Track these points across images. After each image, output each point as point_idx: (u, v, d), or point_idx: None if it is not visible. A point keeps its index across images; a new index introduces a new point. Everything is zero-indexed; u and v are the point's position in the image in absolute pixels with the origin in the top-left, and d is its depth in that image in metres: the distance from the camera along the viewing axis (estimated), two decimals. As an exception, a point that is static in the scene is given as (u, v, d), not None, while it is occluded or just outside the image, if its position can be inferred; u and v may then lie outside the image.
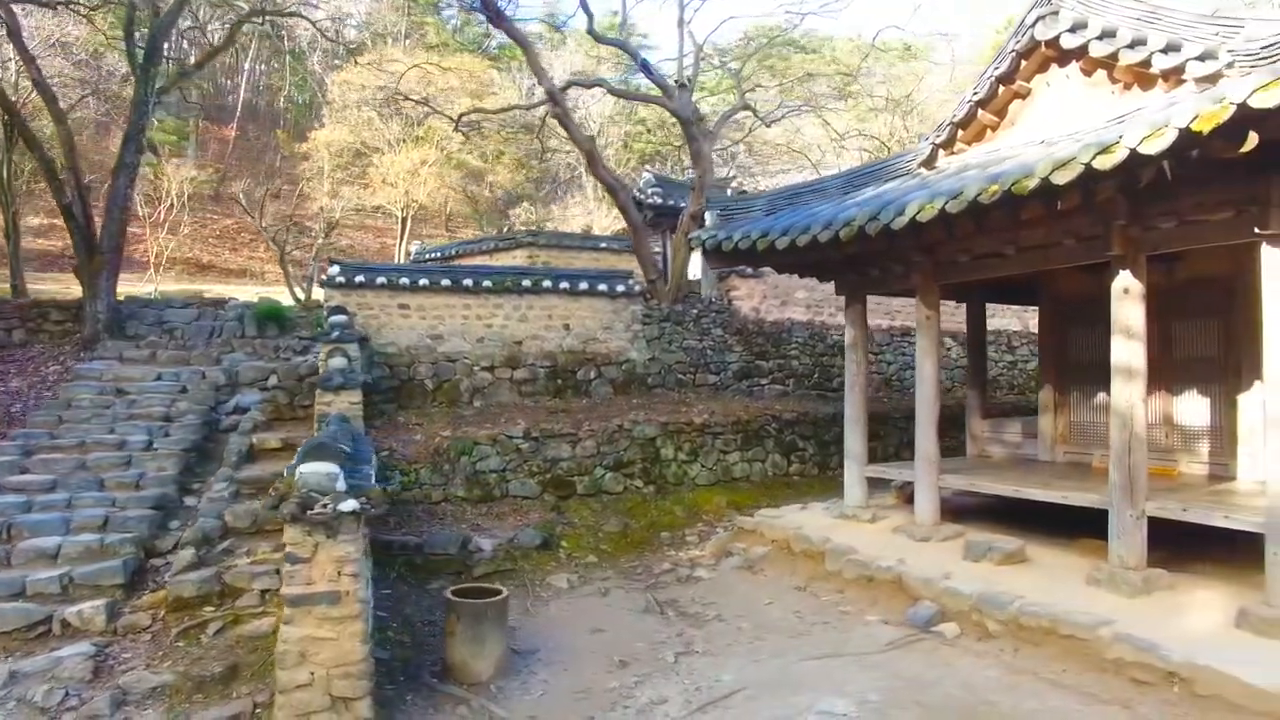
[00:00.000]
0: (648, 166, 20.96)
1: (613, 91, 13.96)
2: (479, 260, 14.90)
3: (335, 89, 21.25)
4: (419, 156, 20.34)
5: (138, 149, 9.98)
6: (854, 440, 7.99)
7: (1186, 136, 4.31)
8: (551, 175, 27.20)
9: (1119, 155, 4.62)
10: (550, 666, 5.53)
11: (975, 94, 7.32)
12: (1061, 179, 4.94)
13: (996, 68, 7.13)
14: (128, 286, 18.49)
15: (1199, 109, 4.26)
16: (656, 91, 13.00)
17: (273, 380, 9.98)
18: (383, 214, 26.85)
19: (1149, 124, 4.53)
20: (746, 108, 14.09)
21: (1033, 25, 6.72)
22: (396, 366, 9.62)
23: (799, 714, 4.58)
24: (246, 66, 32.23)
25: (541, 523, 8.07)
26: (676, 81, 12.50)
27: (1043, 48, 6.77)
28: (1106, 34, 6.19)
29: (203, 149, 28.94)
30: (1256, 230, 4.91)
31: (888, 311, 12.27)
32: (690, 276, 12.65)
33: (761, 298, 11.76)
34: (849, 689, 4.85)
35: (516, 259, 14.49)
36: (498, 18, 11.19)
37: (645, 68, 11.83)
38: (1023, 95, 7.13)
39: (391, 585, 6.75)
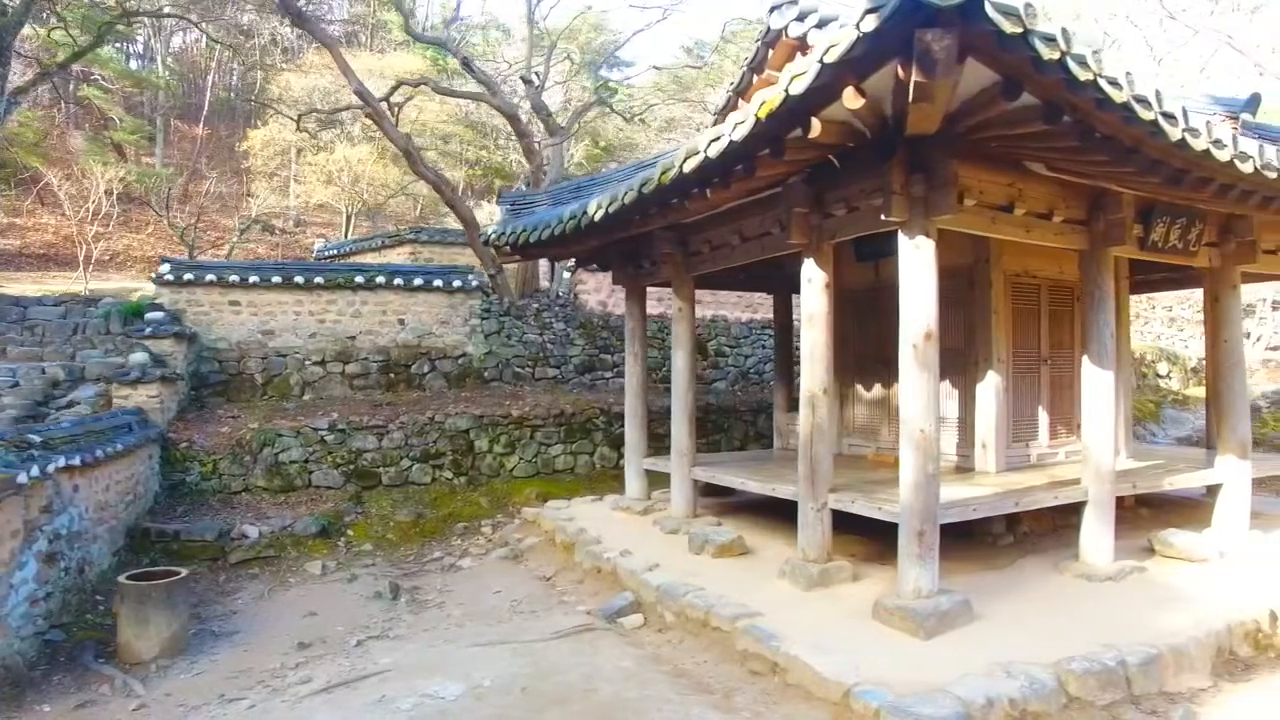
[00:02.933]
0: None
1: (438, 90, 14.04)
2: (369, 257, 15.12)
3: (275, 89, 21.66)
4: (355, 155, 20.66)
5: (-8, 149, 10.25)
6: (633, 432, 8.02)
7: (759, 124, 4.30)
8: (508, 171, 27.42)
9: (722, 144, 4.63)
10: (235, 648, 5.66)
11: (733, 84, 7.32)
12: (689, 166, 4.96)
13: (748, 59, 7.11)
14: (61, 285, 19.05)
15: (767, 97, 4.25)
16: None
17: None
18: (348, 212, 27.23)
19: (745, 113, 4.52)
20: (601, 103, 14.07)
21: (770, 14, 6.70)
22: (226, 361, 9.82)
23: (406, 695, 4.65)
24: (214, 64, 32.84)
25: (331, 512, 8.21)
26: (523, 78, 12.54)
27: (784, 37, 6.73)
28: (824, 22, 6.15)
29: (171, 147, 29.56)
30: (884, 217, 4.87)
31: (749, 305, 12.17)
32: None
33: (609, 292, 11.73)
34: (476, 674, 4.89)
35: (400, 256, 14.69)
36: (299, 19, 11.34)
37: (466, 65, 11.87)
38: (774, 84, 7.08)
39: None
